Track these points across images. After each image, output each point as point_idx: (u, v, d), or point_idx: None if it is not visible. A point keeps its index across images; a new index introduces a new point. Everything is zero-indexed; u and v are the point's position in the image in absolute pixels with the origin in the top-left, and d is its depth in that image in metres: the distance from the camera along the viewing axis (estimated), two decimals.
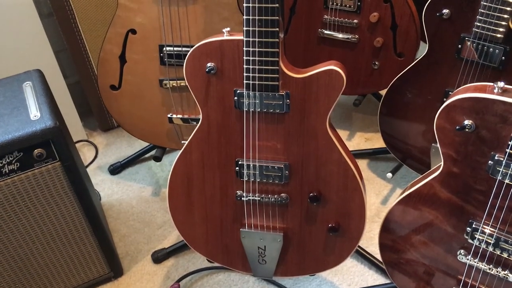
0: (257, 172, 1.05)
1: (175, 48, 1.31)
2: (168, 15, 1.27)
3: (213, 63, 0.98)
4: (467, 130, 0.85)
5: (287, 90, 0.97)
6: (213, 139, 1.05)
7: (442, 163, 0.92)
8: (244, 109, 1.00)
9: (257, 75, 0.96)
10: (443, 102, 1.30)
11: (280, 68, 0.96)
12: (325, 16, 1.50)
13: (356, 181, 1.01)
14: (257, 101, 0.99)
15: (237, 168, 1.05)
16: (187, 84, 1.02)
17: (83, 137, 1.77)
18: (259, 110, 0.99)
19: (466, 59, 1.20)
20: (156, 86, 1.36)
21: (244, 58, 0.95)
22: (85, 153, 1.74)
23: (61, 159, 1.11)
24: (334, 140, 0.99)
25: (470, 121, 0.85)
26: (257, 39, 0.93)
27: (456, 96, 0.86)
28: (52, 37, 1.63)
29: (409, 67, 1.30)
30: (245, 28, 0.93)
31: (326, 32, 1.52)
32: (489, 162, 0.86)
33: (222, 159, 1.06)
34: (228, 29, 0.98)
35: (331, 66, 0.96)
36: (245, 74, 0.96)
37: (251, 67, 0.96)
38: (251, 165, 1.04)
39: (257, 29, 0.92)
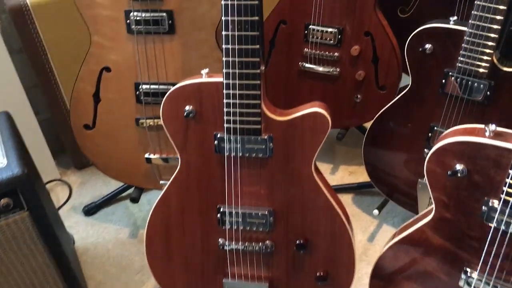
0: (239, 220, 0.99)
1: (152, 86, 1.26)
2: (144, 52, 1.22)
3: (191, 106, 0.93)
4: (459, 175, 0.82)
5: (270, 134, 0.92)
6: (193, 184, 0.99)
7: (433, 207, 0.88)
8: (225, 154, 0.95)
9: (238, 118, 0.92)
10: (429, 137, 1.29)
11: (262, 110, 0.91)
12: (306, 50, 1.47)
13: (344, 227, 0.97)
14: (238, 145, 0.94)
15: (218, 215, 1.00)
16: (164, 128, 0.97)
17: (55, 176, 1.69)
18: (240, 154, 0.94)
19: (451, 94, 1.18)
20: (132, 125, 1.30)
21: (224, 101, 0.90)
22: (58, 193, 1.66)
23: (30, 209, 1.03)
24: (320, 185, 0.95)
25: (462, 165, 0.81)
26: (237, 82, 0.89)
27: (446, 140, 0.83)
28: (23, 73, 1.56)
29: (393, 101, 1.27)
30: (224, 70, 0.89)
31: (307, 65, 1.49)
32: (483, 208, 0.82)
33: (203, 206, 1.00)
34: (207, 70, 0.94)
35: (315, 108, 0.91)
36: (225, 117, 0.92)
37: (231, 110, 0.91)
38: (233, 212, 0.99)
39: (237, 71, 0.88)
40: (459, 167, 0.81)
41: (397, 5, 1.54)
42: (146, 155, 1.33)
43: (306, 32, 1.46)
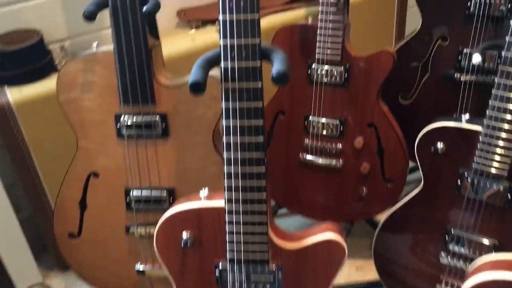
0: None
1: (143, 191, 1.16)
2: (135, 157, 1.13)
3: (189, 233, 0.83)
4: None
5: (278, 264, 0.82)
6: None
7: None
8: (229, 286, 0.84)
9: (242, 247, 0.81)
10: (445, 239, 1.19)
11: (270, 237, 0.81)
12: (306, 141, 1.40)
13: None
14: (243, 277, 0.83)
15: None
16: (158, 257, 0.86)
17: (37, 280, 1.55)
18: (246, 287, 0.83)
19: (468, 197, 1.09)
20: (121, 233, 1.19)
21: (227, 228, 0.81)
22: None
23: None
24: None
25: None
26: (241, 207, 0.80)
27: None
28: (4, 169, 1.46)
29: (404, 202, 1.18)
30: (227, 196, 0.80)
31: (308, 157, 1.41)
32: None
33: None
34: (206, 192, 0.85)
35: (329, 234, 0.82)
36: (228, 245, 0.82)
37: (234, 238, 0.81)
38: None
39: (241, 197, 0.79)
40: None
41: (398, 91, 1.49)
42: (137, 266, 1.21)
43: (306, 123, 1.39)
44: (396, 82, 1.41)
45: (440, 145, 1.09)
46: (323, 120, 1.36)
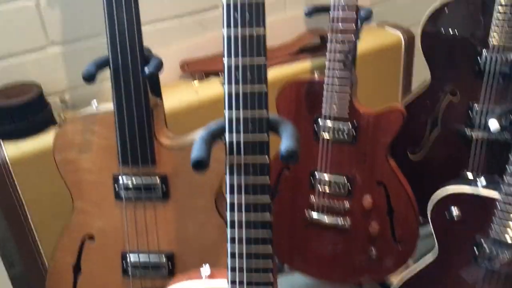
0: None
1: (141, 256, 1.09)
2: (133, 219, 1.08)
3: None
4: None
5: None
6: None
7: None
8: None
9: None
10: None
11: None
12: (312, 198, 1.34)
13: None
14: None
15: None
16: None
17: None
18: None
19: (487, 267, 1.03)
20: None
21: None
22: None
23: None
24: None
25: None
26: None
27: None
28: None
29: (418, 270, 1.12)
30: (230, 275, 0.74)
31: (314, 215, 1.35)
32: None
33: None
34: (208, 271, 0.79)
35: None
36: None
37: None
38: None
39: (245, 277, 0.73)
40: None
41: (407, 145, 1.45)
42: None
43: (311, 179, 1.33)
44: (404, 137, 1.36)
45: (455, 211, 1.04)
46: (330, 177, 1.31)
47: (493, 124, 1.12)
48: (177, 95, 1.41)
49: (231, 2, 0.66)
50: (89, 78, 0.93)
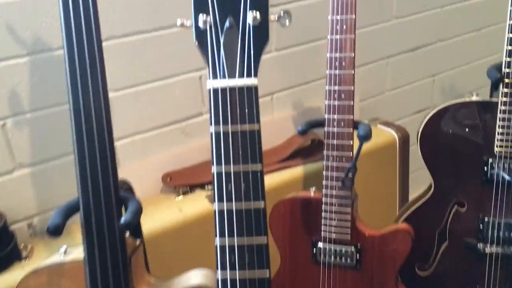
0: None
1: None
2: None
3: None
4: None
5: None
6: None
7: None
8: None
9: None
10: None
11: None
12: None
13: None
14: None
15: None
16: None
17: None
18: None
19: None
20: None
21: None
22: None
23: None
24: None
25: None
26: None
27: None
28: None
29: None
30: None
31: None
32: None
33: None
34: None
35: None
36: None
37: None
38: None
39: None
40: None
41: (414, 260, 1.32)
42: None
43: None
44: (411, 251, 1.24)
45: None
46: None
47: None
48: (158, 214, 1.28)
49: None
50: (56, 231, 0.79)
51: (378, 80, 1.74)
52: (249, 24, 0.57)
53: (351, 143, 1.10)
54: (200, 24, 0.58)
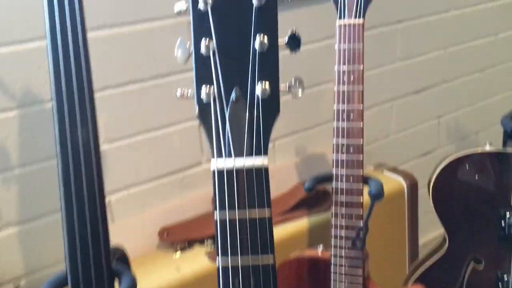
0: None
1: None
2: None
3: None
4: None
5: None
6: None
7: None
8: None
9: None
10: None
11: None
12: None
13: None
14: None
15: None
16: None
17: None
18: None
19: None
20: None
21: None
22: None
23: None
24: None
25: None
26: None
27: None
28: None
29: None
30: None
31: None
32: None
33: None
34: None
35: None
36: None
37: None
38: None
39: None
40: None
41: None
42: None
43: None
44: None
45: None
46: None
47: None
48: (153, 274, 1.19)
49: None
50: None
51: (383, 123, 1.68)
52: (257, 96, 0.51)
53: (361, 200, 1.03)
54: (203, 96, 0.51)
